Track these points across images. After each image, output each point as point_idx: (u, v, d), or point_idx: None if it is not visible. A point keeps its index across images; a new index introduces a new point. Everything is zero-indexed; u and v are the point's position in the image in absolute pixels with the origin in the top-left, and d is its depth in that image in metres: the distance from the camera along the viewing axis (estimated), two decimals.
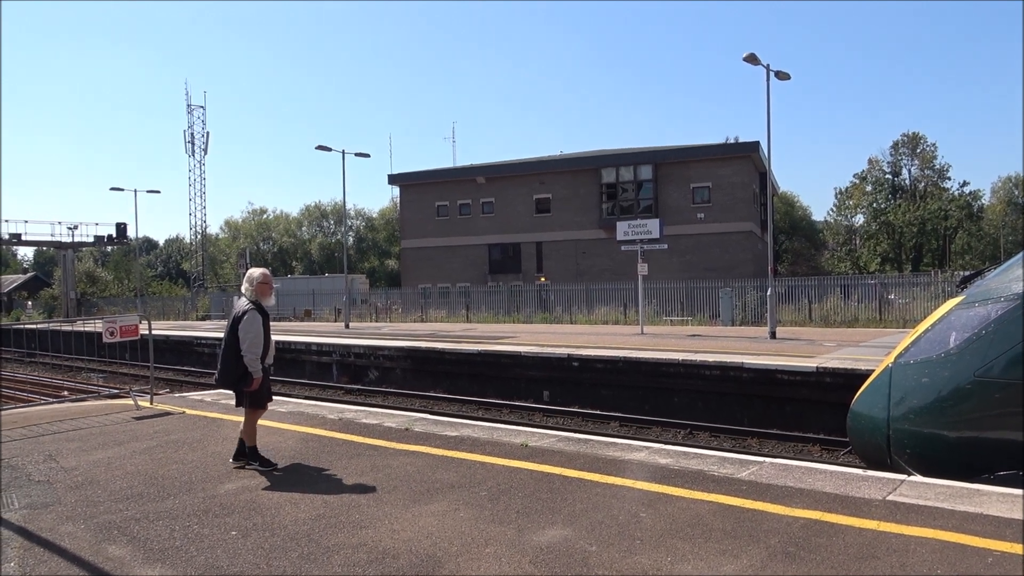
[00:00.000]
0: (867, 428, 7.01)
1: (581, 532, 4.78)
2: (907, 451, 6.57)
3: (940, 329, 6.66)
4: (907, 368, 6.68)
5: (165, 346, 26.02)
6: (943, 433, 6.30)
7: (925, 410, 6.42)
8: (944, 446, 6.32)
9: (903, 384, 6.64)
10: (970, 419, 6.24)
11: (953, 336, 6.42)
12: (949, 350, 6.38)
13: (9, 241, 51.83)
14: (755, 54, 20.13)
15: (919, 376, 6.51)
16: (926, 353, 6.58)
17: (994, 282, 6.63)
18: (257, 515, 5.38)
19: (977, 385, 6.12)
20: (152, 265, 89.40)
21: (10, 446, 8.09)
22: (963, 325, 6.41)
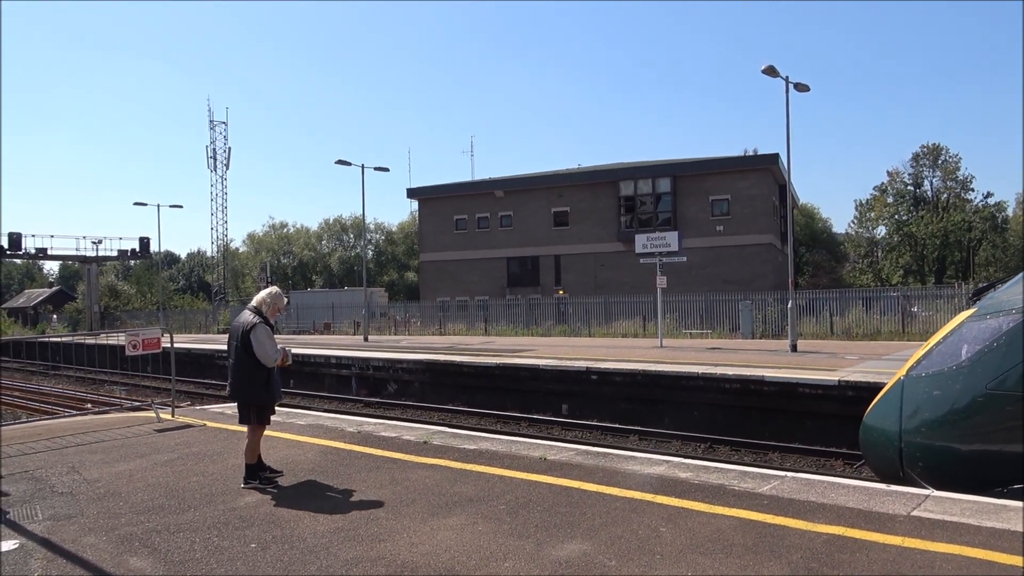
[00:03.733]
0: (880, 441, 6.98)
1: (600, 547, 4.75)
2: (920, 464, 6.54)
3: (952, 342, 6.62)
4: (919, 381, 6.65)
5: (187, 359, 26.25)
6: (955, 446, 6.27)
7: (937, 423, 6.39)
8: (956, 459, 6.28)
9: (915, 397, 6.61)
10: (982, 432, 6.19)
11: (965, 349, 6.39)
12: (961, 363, 6.35)
13: (35, 256, 52.60)
14: (774, 66, 20.08)
15: (931, 389, 6.49)
16: (938, 366, 6.55)
17: (1006, 294, 6.59)
18: (276, 528, 5.40)
19: (989, 398, 6.07)
20: (174, 279, 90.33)
21: (34, 458, 8.19)
22: (975, 338, 6.37)
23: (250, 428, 6.73)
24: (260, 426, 6.79)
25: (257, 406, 6.72)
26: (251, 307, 6.84)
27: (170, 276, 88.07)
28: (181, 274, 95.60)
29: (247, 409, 6.70)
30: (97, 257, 53.92)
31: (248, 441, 6.73)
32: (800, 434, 13.06)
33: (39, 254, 52.16)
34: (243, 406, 6.71)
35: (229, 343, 6.79)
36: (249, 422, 6.72)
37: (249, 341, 6.55)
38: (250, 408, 6.69)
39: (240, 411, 6.77)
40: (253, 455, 6.75)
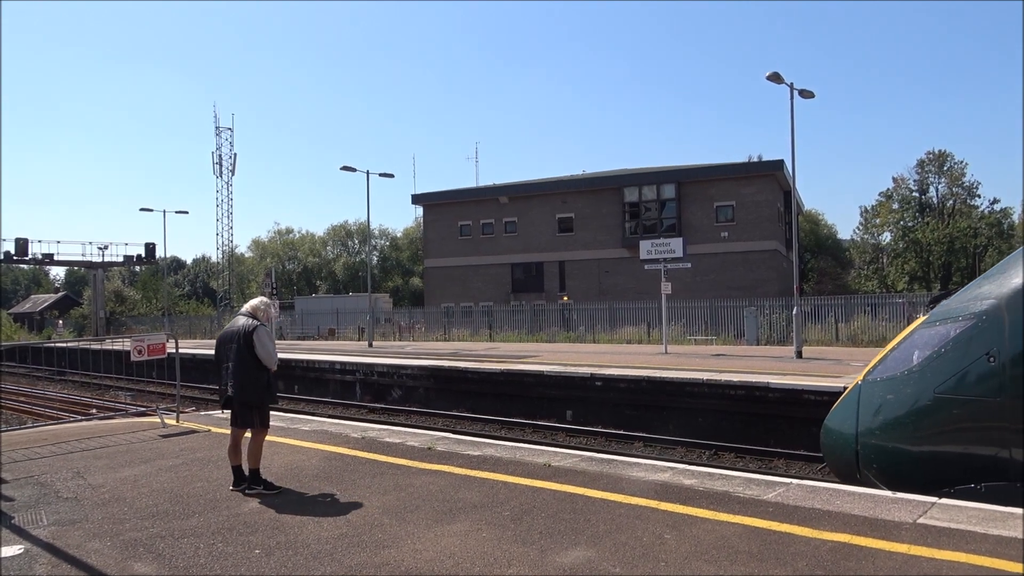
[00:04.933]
0: (838, 443, 7.19)
1: (605, 553, 4.74)
2: (874, 465, 6.77)
3: (905, 348, 6.85)
4: (874, 385, 6.87)
5: (191, 365, 26.29)
6: (907, 448, 6.50)
7: (890, 426, 6.62)
8: (908, 460, 6.52)
9: (870, 401, 6.82)
10: (931, 434, 6.38)
11: (916, 354, 6.60)
12: (912, 368, 6.56)
13: (41, 261, 52.83)
14: (779, 73, 20.09)
15: (885, 393, 6.72)
16: (892, 371, 6.78)
17: (955, 302, 6.76)
18: (280, 533, 5.40)
19: (937, 401, 6.28)
20: (180, 284, 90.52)
21: (39, 463, 8.21)
22: (925, 343, 6.59)
23: (254, 432, 6.73)
24: (264, 429, 6.80)
25: (261, 407, 6.73)
26: (245, 312, 6.88)
27: (175, 282, 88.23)
28: (186, 280, 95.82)
29: (250, 411, 6.69)
30: (103, 263, 54.13)
31: (252, 445, 6.73)
32: (805, 441, 13.00)
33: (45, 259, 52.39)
34: (246, 407, 6.69)
35: (222, 348, 6.78)
36: (251, 424, 6.71)
37: (252, 342, 6.57)
38: (253, 409, 6.69)
39: (241, 413, 6.71)
40: (257, 459, 6.75)
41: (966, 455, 6.19)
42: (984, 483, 6.04)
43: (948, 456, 6.29)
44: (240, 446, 6.81)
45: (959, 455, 6.23)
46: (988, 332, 6.13)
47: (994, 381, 5.99)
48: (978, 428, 6.12)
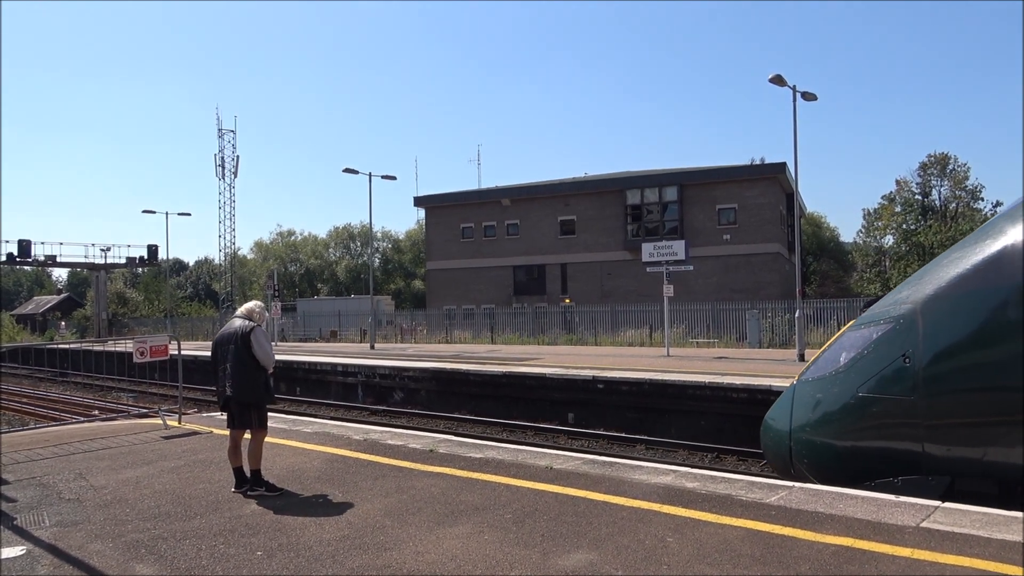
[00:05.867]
0: (774, 439, 7.52)
1: (607, 556, 4.73)
2: (805, 460, 7.09)
3: (834, 349, 7.20)
4: (806, 385, 7.25)
5: (193, 366, 26.30)
6: (833, 443, 6.85)
7: (818, 423, 6.95)
8: (834, 455, 6.86)
9: (802, 399, 7.18)
10: (854, 431, 6.73)
11: (843, 356, 6.94)
12: (839, 368, 6.89)
13: (44, 263, 52.89)
14: (781, 75, 20.08)
15: (815, 392, 7.07)
16: (821, 371, 7.13)
17: (880, 306, 7.05)
18: (282, 535, 5.40)
19: (859, 400, 6.62)
20: (182, 286, 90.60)
21: (42, 464, 8.21)
22: (851, 345, 6.92)
23: (254, 433, 6.74)
24: (263, 430, 6.81)
25: (259, 408, 6.75)
26: (241, 315, 6.94)
27: (178, 284, 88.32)
28: (189, 282, 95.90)
29: (248, 411, 6.70)
30: (105, 264, 54.18)
31: (252, 446, 6.75)
32: None
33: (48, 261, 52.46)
34: (244, 407, 6.70)
35: (219, 349, 6.80)
36: (249, 425, 6.72)
37: (250, 342, 6.61)
38: (251, 409, 6.70)
39: (239, 413, 6.72)
40: (258, 461, 6.76)
41: (885, 450, 6.53)
42: (901, 476, 6.38)
43: (869, 451, 6.63)
44: (240, 448, 6.81)
45: (879, 450, 6.57)
46: (905, 335, 6.44)
47: (909, 381, 6.30)
48: (895, 425, 6.44)
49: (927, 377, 6.22)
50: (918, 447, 6.26)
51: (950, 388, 6.19)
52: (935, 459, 6.20)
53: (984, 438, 6.05)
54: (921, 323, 6.37)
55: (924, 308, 6.42)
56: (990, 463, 6.01)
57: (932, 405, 6.17)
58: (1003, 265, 6.03)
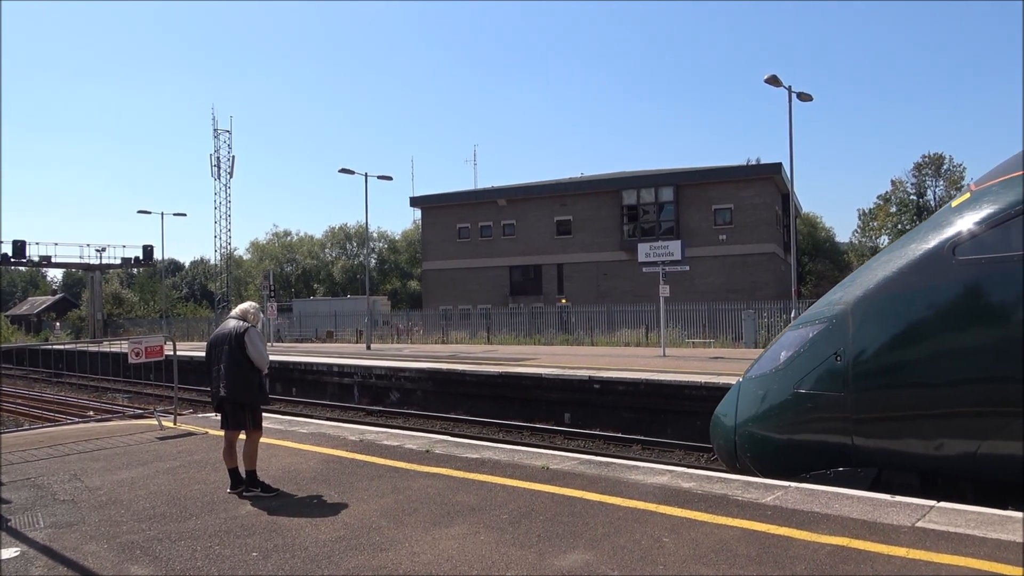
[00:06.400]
0: (721, 433, 7.81)
1: (603, 557, 4.73)
2: (748, 453, 7.39)
3: (775, 348, 7.56)
4: (750, 382, 7.56)
5: (189, 367, 26.24)
6: (773, 437, 7.16)
7: (760, 417, 7.26)
8: (773, 449, 7.18)
9: (746, 395, 7.51)
10: (791, 425, 7.03)
11: (783, 354, 7.27)
12: (778, 366, 7.22)
13: (39, 263, 52.76)
14: (777, 76, 20.14)
15: (757, 389, 7.41)
16: (763, 369, 7.47)
17: (816, 307, 7.38)
18: (278, 536, 5.39)
19: (796, 396, 6.94)
20: (177, 287, 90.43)
21: (36, 465, 8.19)
22: (790, 344, 7.26)
23: (249, 434, 6.74)
24: (257, 431, 6.81)
25: (253, 408, 6.74)
26: (235, 315, 6.95)
27: (173, 284, 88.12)
28: (184, 282, 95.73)
29: (242, 411, 6.69)
30: (100, 265, 54.04)
31: (247, 447, 6.73)
32: None
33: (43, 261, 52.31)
34: (238, 408, 6.69)
35: (213, 350, 6.80)
36: (243, 425, 6.72)
37: (244, 343, 6.61)
38: (245, 410, 6.69)
39: (233, 413, 6.72)
40: (254, 461, 6.75)
41: (819, 443, 6.82)
42: (833, 469, 6.69)
43: (805, 444, 6.92)
44: (235, 448, 6.80)
45: (814, 443, 6.86)
46: (837, 334, 6.78)
47: (840, 378, 6.63)
48: (828, 419, 6.75)
49: (855, 374, 6.55)
50: (848, 440, 6.59)
51: (875, 385, 6.51)
52: (863, 451, 6.53)
53: (906, 432, 6.39)
54: (851, 323, 6.71)
55: (854, 309, 6.76)
56: (911, 455, 6.35)
57: (859, 400, 6.51)
58: (923, 269, 6.40)
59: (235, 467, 6.79)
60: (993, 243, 6.01)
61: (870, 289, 6.75)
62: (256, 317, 6.98)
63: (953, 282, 6.20)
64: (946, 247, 6.27)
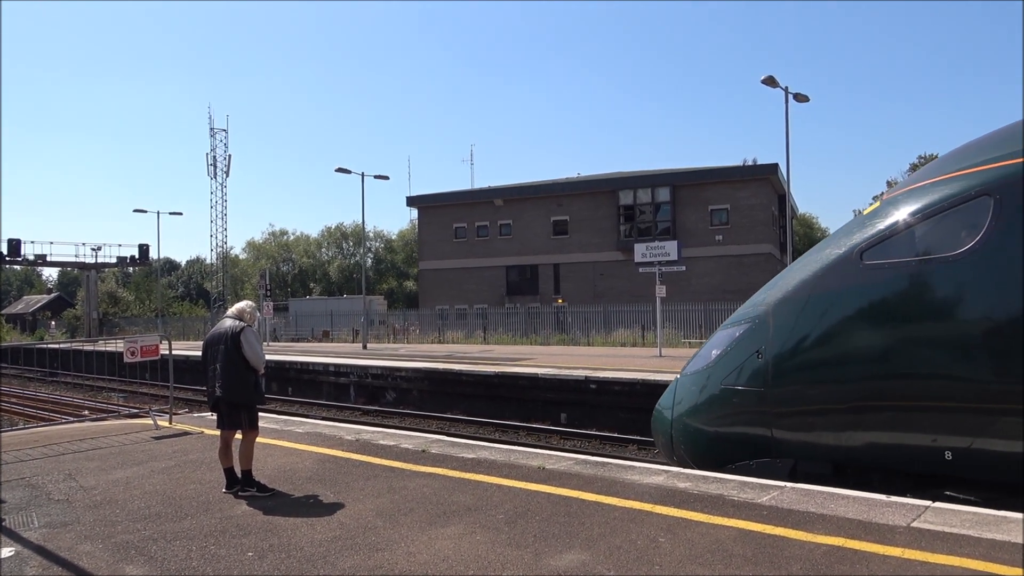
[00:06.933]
0: (660, 426, 8.19)
1: (599, 557, 4.73)
2: (683, 445, 7.76)
3: (708, 346, 7.96)
4: (686, 378, 7.94)
5: (185, 366, 26.19)
6: (704, 429, 7.57)
7: (692, 411, 7.64)
8: (705, 441, 7.58)
9: (681, 391, 7.88)
10: (719, 418, 7.43)
11: (713, 352, 7.65)
12: (709, 363, 7.60)
13: (34, 262, 52.62)
14: (773, 76, 20.17)
15: (690, 384, 7.78)
16: (696, 366, 7.84)
17: (743, 308, 7.76)
18: (274, 536, 5.37)
19: (723, 391, 7.33)
20: (173, 286, 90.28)
21: (31, 464, 8.16)
22: (720, 343, 7.64)
23: (244, 433, 6.72)
24: (253, 431, 6.79)
25: (249, 408, 6.72)
26: (232, 315, 6.93)
27: (169, 283, 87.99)
28: (180, 281, 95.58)
29: (238, 411, 6.68)
30: (96, 264, 53.89)
31: (243, 447, 6.71)
32: None
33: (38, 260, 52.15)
34: (234, 408, 6.67)
35: (210, 350, 6.79)
36: (239, 425, 6.69)
37: (240, 343, 6.59)
38: (241, 410, 6.68)
39: (229, 413, 6.69)
40: (249, 461, 6.73)
41: (744, 436, 7.20)
42: (755, 460, 7.08)
43: (732, 437, 7.32)
44: (231, 448, 6.79)
45: (739, 436, 7.25)
46: (759, 333, 7.19)
47: (761, 374, 7.02)
48: (750, 413, 7.12)
49: (773, 370, 6.95)
50: (768, 432, 6.98)
51: (790, 380, 6.88)
52: (781, 443, 6.91)
53: (818, 425, 6.77)
54: (771, 323, 7.12)
55: (774, 309, 7.16)
56: (823, 446, 6.72)
57: (777, 395, 6.89)
58: (833, 273, 6.78)
59: (231, 467, 6.77)
60: (893, 249, 6.42)
61: (788, 291, 7.15)
62: (252, 316, 6.96)
63: (859, 285, 6.60)
64: (855, 252, 6.64)
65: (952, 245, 6.07)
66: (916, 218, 6.34)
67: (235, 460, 6.76)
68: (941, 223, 6.23)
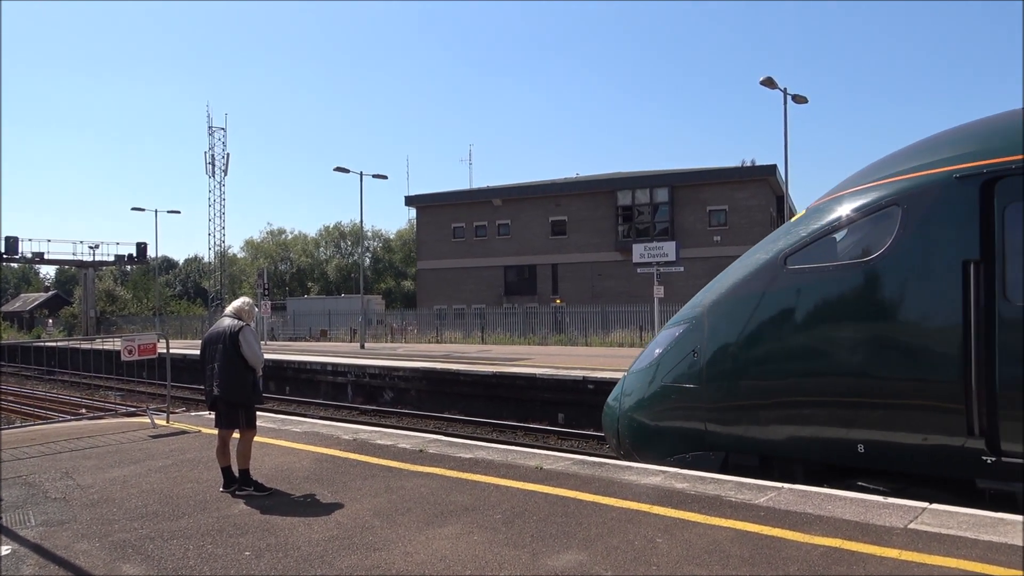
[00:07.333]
0: (609, 421, 8.56)
1: (596, 557, 4.73)
2: (628, 439, 8.16)
3: (653, 345, 8.32)
4: (632, 375, 8.32)
5: (182, 365, 26.18)
6: (647, 424, 7.93)
7: (636, 407, 8.03)
8: (647, 435, 7.96)
9: (628, 387, 8.26)
10: (659, 413, 7.82)
11: (656, 351, 8.02)
12: (652, 361, 7.98)
13: (32, 260, 52.57)
14: (772, 78, 20.21)
15: (635, 381, 8.16)
16: (641, 364, 8.22)
17: (684, 309, 8.12)
18: (271, 535, 5.37)
19: (663, 388, 7.73)
20: (171, 284, 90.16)
21: (28, 463, 8.15)
22: (662, 342, 8.02)
23: (242, 433, 6.71)
24: (251, 430, 6.78)
25: (247, 408, 6.71)
26: (230, 313, 6.91)
27: (167, 282, 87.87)
28: (178, 280, 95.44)
29: (236, 411, 6.67)
30: (94, 262, 53.84)
31: (241, 446, 6.70)
32: None
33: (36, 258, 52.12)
34: (232, 407, 6.66)
35: (208, 349, 6.78)
36: (237, 425, 6.68)
37: (238, 342, 6.57)
38: (239, 409, 6.67)
39: (227, 413, 6.69)
40: (247, 460, 6.73)
41: (681, 430, 7.57)
42: (691, 452, 7.45)
43: (671, 431, 7.69)
44: (228, 447, 6.78)
45: (678, 430, 7.62)
46: (695, 333, 7.58)
47: (696, 372, 7.41)
48: (687, 408, 7.49)
49: (707, 368, 7.34)
50: (703, 427, 7.37)
51: (722, 377, 7.28)
52: (714, 436, 7.31)
53: (745, 419, 7.14)
54: (706, 323, 7.52)
55: (708, 311, 7.55)
56: (750, 439, 7.11)
57: (710, 391, 7.29)
58: (761, 276, 7.18)
59: (228, 466, 6.76)
60: (814, 254, 6.81)
61: (721, 294, 7.56)
62: (251, 313, 6.95)
63: (782, 288, 7.01)
64: (779, 257, 7.04)
65: (866, 251, 6.49)
66: (834, 226, 6.76)
67: (232, 459, 6.75)
68: (857, 230, 6.67)
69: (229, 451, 6.77)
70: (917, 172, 6.35)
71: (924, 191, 6.20)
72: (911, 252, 6.18)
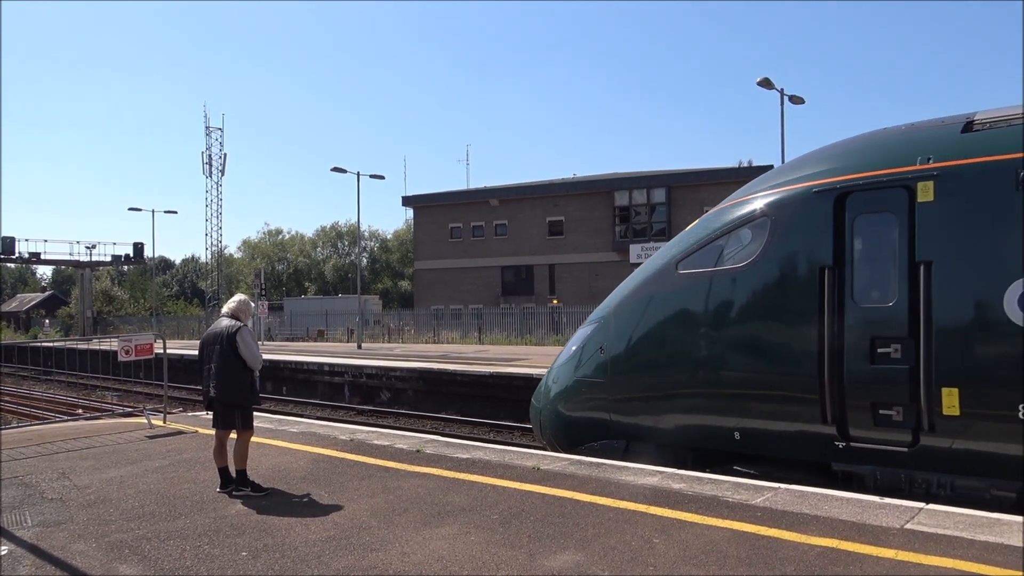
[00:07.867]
0: (534, 413, 9.17)
1: (593, 557, 4.73)
2: (548, 430, 8.76)
3: (571, 342, 8.87)
4: (552, 370, 8.95)
5: (179, 365, 26.15)
6: (564, 414, 8.53)
7: (555, 399, 8.64)
8: (564, 425, 8.55)
9: (550, 381, 8.85)
10: (573, 405, 8.44)
11: (573, 348, 8.64)
12: (569, 357, 8.62)
13: (28, 260, 52.49)
14: (769, 79, 20.21)
15: (555, 376, 8.78)
16: (560, 360, 8.86)
17: (596, 310, 8.64)
18: (268, 536, 5.37)
19: (576, 382, 8.38)
20: (168, 285, 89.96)
21: (24, 463, 8.13)
22: (577, 340, 8.64)
23: (239, 433, 6.70)
24: (248, 431, 6.77)
25: (244, 408, 6.70)
26: (227, 313, 6.89)
27: (164, 282, 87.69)
28: (175, 280, 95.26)
29: (232, 411, 6.66)
30: (91, 262, 53.75)
31: (238, 447, 6.69)
32: None
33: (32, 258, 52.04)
34: (229, 408, 6.65)
35: (206, 349, 6.77)
36: (234, 425, 6.67)
37: (236, 343, 6.56)
38: (236, 410, 6.66)
39: (224, 414, 6.68)
40: (244, 461, 6.72)
41: (591, 420, 8.18)
42: (599, 441, 8.06)
43: (583, 421, 8.31)
44: (225, 447, 6.77)
45: (588, 420, 8.23)
46: (603, 331, 8.19)
47: (603, 367, 8.05)
48: (595, 400, 8.12)
49: (611, 364, 7.98)
50: (608, 417, 8.00)
51: (622, 372, 7.91)
52: (617, 426, 7.94)
53: (640, 410, 7.80)
54: (612, 323, 8.13)
55: (614, 311, 8.17)
56: (646, 428, 7.75)
57: (614, 385, 7.93)
58: (657, 280, 7.79)
59: (225, 466, 6.76)
60: (700, 260, 7.44)
61: (625, 295, 8.17)
62: (247, 311, 6.93)
63: (673, 290, 7.63)
64: (672, 262, 7.67)
65: (742, 258, 7.15)
66: (719, 233, 7.41)
67: (229, 460, 6.74)
68: (736, 239, 7.32)
69: (226, 451, 6.76)
70: (785, 187, 7.03)
71: (788, 204, 6.89)
72: (777, 259, 6.89)
